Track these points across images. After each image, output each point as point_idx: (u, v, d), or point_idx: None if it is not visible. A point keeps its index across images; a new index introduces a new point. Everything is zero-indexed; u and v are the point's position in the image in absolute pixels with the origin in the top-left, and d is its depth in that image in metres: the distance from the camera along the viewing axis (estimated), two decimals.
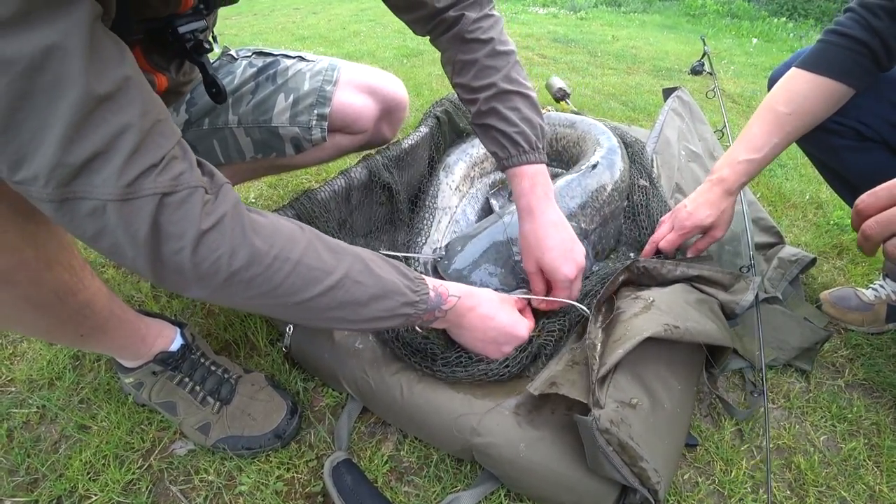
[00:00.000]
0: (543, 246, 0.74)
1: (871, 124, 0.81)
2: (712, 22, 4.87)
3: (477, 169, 1.17)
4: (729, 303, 0.76)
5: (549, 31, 3.78)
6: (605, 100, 2.25)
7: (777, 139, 0.81)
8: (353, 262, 0.56)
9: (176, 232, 0.43)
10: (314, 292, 0.53)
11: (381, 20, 3.91)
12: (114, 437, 0.76)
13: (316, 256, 0.53)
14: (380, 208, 0.95)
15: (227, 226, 0.46)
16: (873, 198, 0.52)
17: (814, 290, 1.10)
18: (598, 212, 0.96)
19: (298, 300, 0.52)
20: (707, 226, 0.87)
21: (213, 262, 0.46)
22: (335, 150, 0.97)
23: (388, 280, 0.59)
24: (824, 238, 1.27)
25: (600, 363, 0.63)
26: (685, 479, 0.73)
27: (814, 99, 0.79)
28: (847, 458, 0.77)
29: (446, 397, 0.71)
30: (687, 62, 2.86)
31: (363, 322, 0.58)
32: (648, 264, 0.82)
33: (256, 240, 0.48)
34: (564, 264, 0.74)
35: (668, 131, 1.24)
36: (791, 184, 1.53)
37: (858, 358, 0.94)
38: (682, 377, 0.72)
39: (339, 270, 0.54)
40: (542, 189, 0.75)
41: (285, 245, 0.51)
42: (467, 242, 0.89)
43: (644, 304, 0.71)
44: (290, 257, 0.51)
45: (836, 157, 0.87)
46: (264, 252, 0.49)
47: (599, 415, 0.58)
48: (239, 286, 0.48)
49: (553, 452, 0.63)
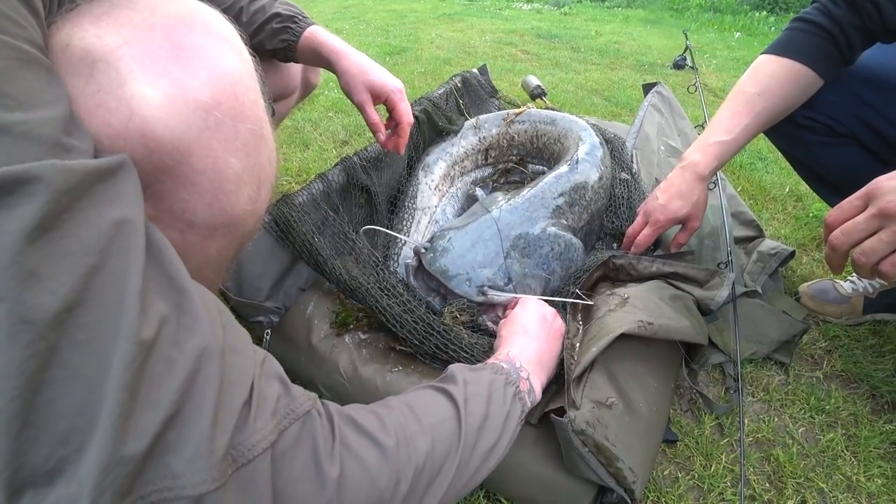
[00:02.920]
0: (365, 69, 0.80)
1: (843, 120, 0.82)
2: (695, 16, 4.89)
3: (457, 168, 1.17)
4: (704, 299, 0.76)
5: (533, 26, 3.78)
6: (587, 95, 2.25)
7: (747, 121, 0.80)
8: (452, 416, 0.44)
9: (303, 493, 0.31)
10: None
11: (363, 17, 3.88)
12: None
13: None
14: (359, 210, 0.94)
15: (354, 449, 0.34)
16: (839, 211, 0.53)
17: (793, 282, 1.11)
18: (586, 209, 0.96)
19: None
20: (682, 217, 0.86)
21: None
22: (277, 119, 0.96)
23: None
24: (803, 230, 1.28)
25: (575, 362, 0.63)
26: (665, 475, 0.73)
27: (781, 80, 0.79)
28: (825, 450, 0.78)
29: None
30: (670, 57, 2.87)
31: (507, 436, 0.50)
32: (624, 261, 0.82)
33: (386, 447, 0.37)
34: (390, 79, 0.81)
35: (647, 127, 1.24)
36: (771, 177, 1.55)
37: (837, 349, 0.95)
38: (659, 374, 0.72)
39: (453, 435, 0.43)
40: (337, 39, 0.81)
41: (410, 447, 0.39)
42: (455, 235, 0.87)
43: (619, 300, 0.71)
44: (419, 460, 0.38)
45: (810, 153, 0.88)
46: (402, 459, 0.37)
47: (575, 416, 0.58)
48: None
49: (530, 453, 0.63)
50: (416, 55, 2.80)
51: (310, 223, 0.82)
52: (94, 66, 0.32)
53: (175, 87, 0.33)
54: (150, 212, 0.33)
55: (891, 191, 0.50)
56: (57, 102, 0.27)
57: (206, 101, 0.35)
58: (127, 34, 0.33)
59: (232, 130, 0.37)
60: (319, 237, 0.82)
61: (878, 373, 0.89)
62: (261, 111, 0.40)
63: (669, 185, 0.86)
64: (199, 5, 0.38)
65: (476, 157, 1.21)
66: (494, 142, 1.21)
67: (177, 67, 0.34)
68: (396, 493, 0.35)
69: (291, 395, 0.32)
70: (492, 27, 3.72)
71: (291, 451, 0.30)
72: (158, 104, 0.32)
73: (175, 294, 0.29)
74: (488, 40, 3.29)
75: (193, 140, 0.34)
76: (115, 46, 0.32)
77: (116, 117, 0.31)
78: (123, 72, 0.32)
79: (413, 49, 2.93)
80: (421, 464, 0.37)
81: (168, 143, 0.33)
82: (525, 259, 0.85)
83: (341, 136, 1.79)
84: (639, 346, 0.69)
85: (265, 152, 0.41)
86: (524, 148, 1.23)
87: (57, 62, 0.31)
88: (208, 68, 0.35)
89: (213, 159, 0.36)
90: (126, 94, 0.32)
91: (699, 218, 0.88)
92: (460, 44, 3.16)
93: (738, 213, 1.14)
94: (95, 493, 0.23)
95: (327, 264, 0.79)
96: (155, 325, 0.26)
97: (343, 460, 0.32)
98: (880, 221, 0.50)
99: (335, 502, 0.31)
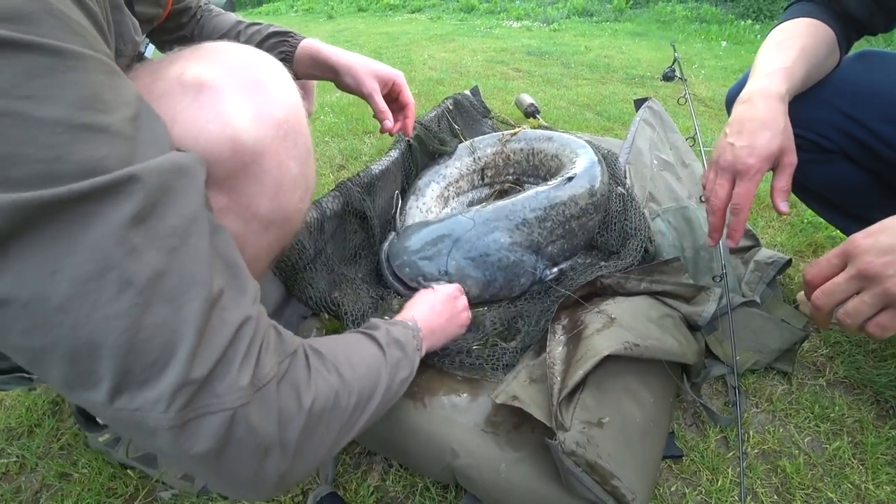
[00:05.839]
0: (368, 61, 0.88)
1: (829, 136, 0.81)
2: (682, 27, 4.96)
3: (452, 188, 1.18)
4: (691, 315, 0.77)
5: (523, 44, 3.83)
6: (579, 111, 2.28)
7: (795, 53, 0.71)
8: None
9: (290, 407, 0.40)
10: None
11: (356, 41, 3.94)
12: (95, 483, 0.75)
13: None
14: (354, 237, 0.95)
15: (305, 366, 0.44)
16: (818, 269, 0.53)
17: (791, 290, 1.11)
18: (562, 225, 0.97)
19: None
20: (776, 152, 0.66)
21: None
22: None
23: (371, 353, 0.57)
24: (799, 237, 1.29)
25: (562, 384, 0.64)
26: (672, 491, 0.73)
27: (805, 30, 0.74)
28: (832, 459, 0.78)
29: (425, 418, 0.70)
30: (659, 69, 2.91)
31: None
32: (612, 280, 0.83)
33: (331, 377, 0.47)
34: (391, 68, 0.90)
35: (639, 142, 1.25)
36: (765, 185, 1.55)
37: (838, 356, 0.95)
38: (656, 389, 0.72)
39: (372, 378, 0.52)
40: (332, 46, 0.90)
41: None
42: (418, 228, 0.94)
43: (606, 319, 0.72)
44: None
45: (800, 170, 0.88)
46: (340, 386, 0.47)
47: (564, 438, 0.58)
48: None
49: (533, 472, 0.63)
50: (410, 77, 2.84)
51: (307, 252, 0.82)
52: (200, 89, 0.43)
53: (257, 107, 0.45)
54: (224, 203, 0.45)
55: (867, 250, 0.49)
56: (131, 103, 0.35)
57: (279, 118, 0.47)
58: (223, 70, 0.45)
59: (293, 141, 0.48)
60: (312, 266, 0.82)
61: (881, 377, 0.89)
62: (309, 130, 0.52)
63: (743, 121, 0.68)
64: (264, 53, 0.51)
65: (472, 177, 1.22)
66: (490, 161, 1.23)
67: (258, 93, 0.46)
68: (348, 405, 0.46)
69: (282, 339, 0.43)
70: (483, 46, 3.77)
71: (285, 377, 0.41)
72: (245, 118, 0.44)
73: (229, 271, 0.38)
74: (480, 59, 3.33)
75: (267, 146, 0.46)
76: (215, 77, 0.44)
77: (214, 125, 0.43)
78: (221, 94, 0.44)
79: (406, 71, 2.97)
80: (364, 385, 0.49)
81: (249, 147, 0.44)
82: (467, 261, 0.91)
83: (338, 160, 1.81)
84: (632, 362, 0.69)
85: (312, 163, 0.53)
86: (520, 166, 1.24)
87: (171, 86, 0.43)
88: (279, 95, 0.48)
89: (279, 161, 0.47)
90: (222, 110, 0.43)
91: (794, 150, 0.68)
92: (453, 64, 3.21)
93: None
94: (170, 399, 0.33)
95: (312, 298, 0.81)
96: (217, 291, 0.36)
97: (316, 383, 0.43)
98: (860, 283, 0.49)
99: (311, 410, 0.42)
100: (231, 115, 0.43)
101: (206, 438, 0.35)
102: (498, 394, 0.68)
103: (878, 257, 0.48)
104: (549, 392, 0.64)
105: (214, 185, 0.43)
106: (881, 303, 0.48)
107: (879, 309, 0.49)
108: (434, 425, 0.70)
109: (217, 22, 0.87)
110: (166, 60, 0.47)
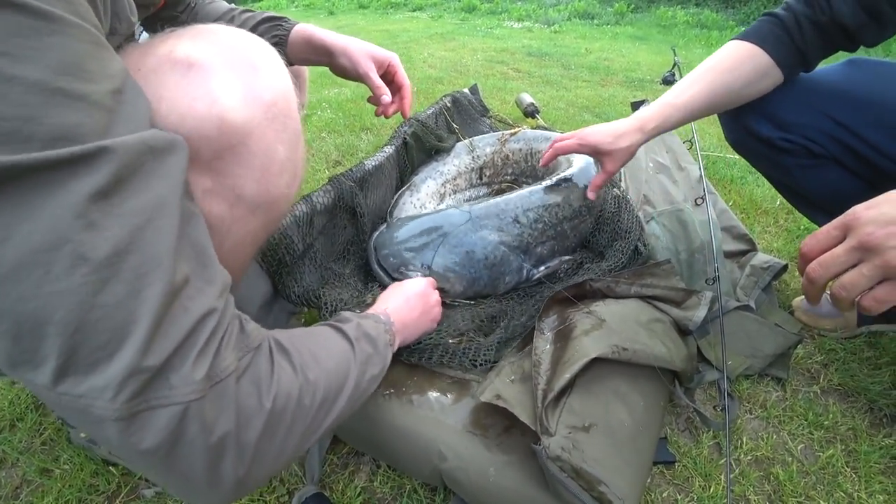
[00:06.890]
0: (364, 43, 0.88)
1: (818, 140, 0.81)
2: (683, 32, 4.97)
3: (449, 186, 1.17)
4: (682, 319, 0.76)
5: (524, 45, 3.83)
6: (578, 112, 2.27)
7: (697, 87, 0.81)
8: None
9: (250, 405, 0.38)
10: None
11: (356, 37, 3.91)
12: (77, 480, 0.73)
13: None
14: (343, 232, 0.94)
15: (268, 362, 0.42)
16: (815, 241, 0.52)
17: (787, 296, 1.10)
18: (553, 227, 0.96)
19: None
20: (604, 151, 0.83)
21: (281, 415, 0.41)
22: None
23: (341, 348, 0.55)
24: (795, 243, 1.28)
25: (547, 386, 0.62)
26: (664, 498, 0.72)
27: (734, 57, 0.80)
28: (825, 466, 0.77)
29: (412, 419, 0.69)
30: (659, 72, 2.91)
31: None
32: (602, 284, 0.81)
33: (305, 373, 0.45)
34: (386, 50, 0.90)
35: None
36: (762, 190, 1.55)
37: (833, 363, 0.94)
38: (647, 392, 0.71)
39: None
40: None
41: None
42: (408, 220, 0.94)
43: (595, 321, 0.71)
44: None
45: (791, 176, 0.87)
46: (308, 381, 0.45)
47: (549, 443, 0.57)
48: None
49: (522, 477, 0.62)
50: (409, 75, 2.80)
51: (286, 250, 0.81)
52: (189, 66, 0.43)
53: (247, 88, 0.44)
54: (209, 184, 0.43)
55: (869, 221, 0.48)
56: (116, 76, 0.34)
57: (268, 100, 0.46)
58: (215, 49, 0.45)
59: (282, 124, 0.47)
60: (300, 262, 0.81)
61: (875, 385, 0.88)
62: (299, 116, 0.51)
63: (612, 124, 0.85)
64: (257, 37, 0.50)
65: (469, 175, 1.21)
66: (489, 161, 1.22)
67: (248, 74, 0.45)
68: (313, 403, 0.44)
69: (246, 333, 0.41)
70: (483, 46, 3.76)
71: (246, 373, 0.39)
72: (234, 97, 0.43)
73: (198, 259, 0.37)
74: (480, 59, 3.33)
75: (255, 127, 0.45)
76: (206, 56, 0.44)
77: (202, 103, 0.42)
78: (211, 73, 0.43)
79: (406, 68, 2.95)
80: (330, 382, 0.47)
81: (237, 127, 0.43)
82: (452, 256, 0.90)
83: (334, 156, 1.79)
84: (622, 365, 0.68)
85: (301, 149, 0.52)
86: (519, 167, 1.23)
87: (160, 62, 0.43)
88: (270, 78, 0.47)
89: (267, 144, 0.46)
90: (211, 88, 0.42)
91: (617, 164, 0.85)
92: (452, 63, 3.20)
93: (729, 227, 1.14)
94: (118, 387, 0.31)
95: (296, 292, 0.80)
96: (181, 279, 0.34)
97: (279, 380, 0.41)
98: (860, 254, 0.48)
99: (272, 409, 0.40)
100: (220, 95, 0.42)
101: (156, 433, 0.33)
102: (482, 391, 0.66)
103: (881, 228, 0.47)
104: (533, 393, 0.62)
105: (200, 166, 0.42)
106: (880, 275, 0.47)
107: (877, 282, 0.48)
108: (422, 426, 0.68)
109: (210, 8, 0.86)
110: (158, 38, 0.46)
